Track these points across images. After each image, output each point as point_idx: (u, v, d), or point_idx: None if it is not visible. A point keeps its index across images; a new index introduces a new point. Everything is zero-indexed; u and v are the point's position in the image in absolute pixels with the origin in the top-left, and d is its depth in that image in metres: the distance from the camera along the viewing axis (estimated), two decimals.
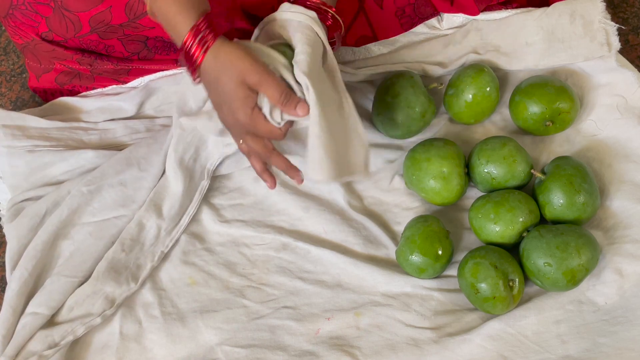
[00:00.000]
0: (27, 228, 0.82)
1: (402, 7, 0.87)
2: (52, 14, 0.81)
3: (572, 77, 0.89)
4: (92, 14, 0.81)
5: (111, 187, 0.84)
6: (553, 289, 0.74)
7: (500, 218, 0.76)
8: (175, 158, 0.84)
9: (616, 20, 0.97)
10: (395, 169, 0.87)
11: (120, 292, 0.78)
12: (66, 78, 0.92)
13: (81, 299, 0.77)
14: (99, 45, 0.86)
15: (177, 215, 0.84)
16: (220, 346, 0.76)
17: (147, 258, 0.81)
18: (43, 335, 0.75)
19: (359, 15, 0.87)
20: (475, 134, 0.89)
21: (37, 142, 0.87)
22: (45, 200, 0.84)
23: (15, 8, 0.81)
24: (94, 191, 0.83)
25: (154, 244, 0.82)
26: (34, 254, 0.79)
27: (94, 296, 0.77)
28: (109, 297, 0.78)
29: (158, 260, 0.82)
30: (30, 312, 0.76)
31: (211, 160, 0.86)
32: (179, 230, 0.84)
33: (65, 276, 0.78)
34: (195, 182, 0.86)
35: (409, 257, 0.77)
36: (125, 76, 0.92)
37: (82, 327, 0.76)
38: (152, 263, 0.81)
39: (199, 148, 0.86)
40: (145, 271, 0.81)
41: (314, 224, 0.84)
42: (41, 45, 0.86)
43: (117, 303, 0.78)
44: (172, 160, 0.84)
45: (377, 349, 0.75)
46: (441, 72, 0.91)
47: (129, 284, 0.79)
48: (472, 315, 0.76)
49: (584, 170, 0.77)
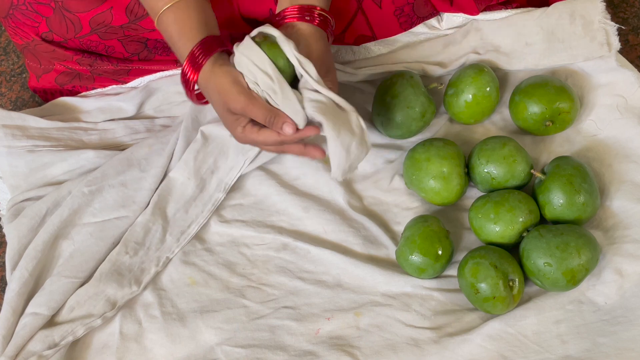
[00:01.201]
0: (28, 228, 0.82)
1: (400, 6, 0.87)
2: (53, 15, 0.81)
3: (572, 77, 0.89)
4: (92, 14, 0.81)
5: (112, 188, 0.84)
6: (553, 289, 0.74)
7: (500, 218, 0.76)
8: (193, 167, 0.85)
9: (616, 20, 0.97)
10: (395, 169, 0.87)
11: (122, 294, 0.78)
12: (66, 78, 0.92)
13: (83, 299, 0.77)
14: (99, 46, 0.86)
15: (183, 221, 0.83)
16: (220, 346, 0.76)
17: (152, 262, 0.81)
18: (43, 335, 0.75)
19: (357, 14, 0.87)
20: (475, 134, 0.89)
21: (37, 142, 0.87)
22: (45, 200, 0.84)
23: (15, 8, 0.81)
24: (94, 191, 0.83)
25: (159, 249, 0.82)
26: (35, 254, 0.79)
27: (96, 297, 0.77)
28: (110, 299, 0.78)
29: (162, 265, 0.81)
30: (30, 312, 0.76)
31: (230, 175, 0.86)
32: (186, 238, 0.83)
33: (66, 277, 0.78)
34: (209, 193, 0.85)
35: (409, 257, 0.77)
36: (125, 76, 0.92)
37: (82, 327, 0.76)
38: (156, 268, 0.81)
39: (217, 160, 0.86)
40: (149, 275, 0.80)
41: (314, 224, 0.84)
42: (41, 46, 0.86)
43: (118, 305, 0.78)
44: (190, 168, 0.84)
45: (377, 349, 0.75)
46: (441, 72, 0.91)
47: (131, 287, 0.79)
48: (472, 315, 0.76)
49: (584, 170, 0.77)
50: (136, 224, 0.82)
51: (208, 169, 0.86)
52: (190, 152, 0.86)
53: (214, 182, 0.86)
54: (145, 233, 0.82)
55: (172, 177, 0.85)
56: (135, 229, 0.82)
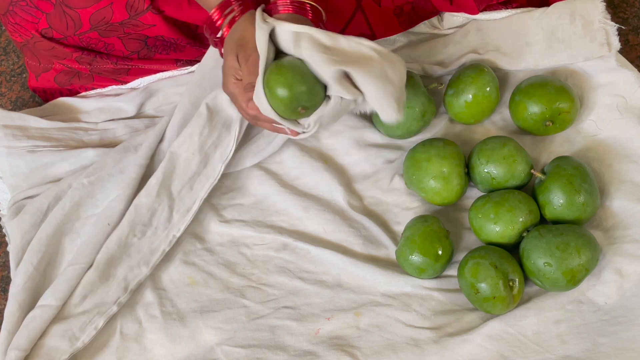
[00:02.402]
0: (30, 224, 0.82)
1: (400, 5, 0.87)
2: (53, 10, 0.81)
3: (572, 77, 0.89)
4: (92, 10, 0.81)
5: (112, 176, 0.84)
6: (553, 289, 0.74)
7: (500, 218, 0.76)
8: (198, 141, 0.83)
9: (616, 20, 0.97)
10: (395, 169, 0.87)
11: (133, 276, 0.78)
12: (65, 77, 0.92)
13: (95, 287, 0.77)
14: (99, 43, 0.86)
15: (189, 197, 0.83)
16: (220, 346, 0.76)
17: (162, 242, 0.80)
18: (61, 329, 0.74)
19: (356, 13, 0.87)
20: (475, 134, 0.89)
21: (38, 143, 0.87)
22: (46, 195, 0.84)
23: (15, 4, 0.81)
24: (94, 182, 0.83)
25: (167, 228, 0.81)
26: (39, 248, 0.79)
27: (107, 283, 0.77)
28: (121, 283, 0.77)
29: (170, 244, 0.81)
30: (39, 304, 0.75)
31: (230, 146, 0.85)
32: (191, 215, 0.82)
33: (69, 264, 0.78)
34: (212, 167, 0.84)
35: (409, 257, 0.77)
36: (125, 76, 0.92)
37: (100, 318, 0.76)
38: (164, 246, 0.81)
39: (221, 133, 0.85)
40: (157, 255, 0.80)
41: (314, 224, 0.84)
42: (41, 44, 0.86)
43: (130, 289, 0.78)
44: (194, 143, 0.83)
45: (377, 349, 0.75)
46: (441, 72, 0.91)
47: (140, 268, 0.79)
48: (472, 315, 0.76)
49: (584, 170, 0.77)
50: (141, 205, 0.81)
51: (212, 143, 0.84)
52: (195, 126, 0.84)
53: (217, 156, 0.85)
54: (151, 214, 0.81)
55: (175, 152, 0.83)
56: (141, 211, 0.81)
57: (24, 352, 0.73)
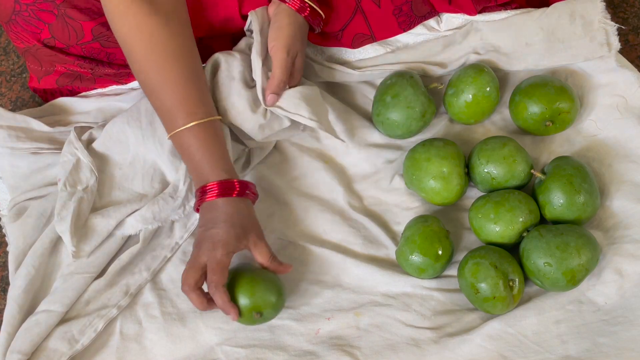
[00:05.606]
0: (33, 227, 0.82)
1: (399, 5, 0.87)
2: (55, 21, 0.81)
3: (572, 77, 0.89)
4: (95, 23, 0.81)
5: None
6: (553, 289, 0.74)
7: (500, 218, 0.76)
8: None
9: (616, 20, 0.97)
10: (395, 169, 0.87)
11: (134, 281, 0.79)
12: (67, 80, 0.92)
13: (100, 293, 0.78)
14: (101, 53, 0.87)
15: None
16: (220, 346, 0.76)
17: (164, 249, 0.81)
18: (61, 332, 0.75)
19: (356, 13, 0.87)
20: (475, 134, 0.89)
21: (42, 145, 0.87)
22: (49, 199, 0.84)
23: (18, 14, 0.81)
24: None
25: (170, 237, 0.82)
26: (42, 252, 0.79)
27: (111, 289, 0.78)
28: (123, 288, 0.78)
29: (172, 251, 0.82)
30: (43, 309, 0.76)
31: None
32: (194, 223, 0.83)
33: (79, 273, 0.78)
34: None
35: (409, 257, 0.77)
36: (126, 77, 0.92)
37: (100, 320, 0.76)
38: (166, 253, 0.81)
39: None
40: (158, 261, 0.81)
41: (314, 224, 0.84)
42: (43, 51, 0.86)
43: (130, 292, 0.78)
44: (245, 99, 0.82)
45: (377, 349, 0.75)
46: (441, 72, 0.91)
47: (142, 274, 0.79)
48: (472, 315, 0.76)
49: (584, 170, 0.77)
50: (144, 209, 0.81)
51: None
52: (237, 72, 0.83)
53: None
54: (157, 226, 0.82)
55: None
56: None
57: (26, 355, 0.73)
